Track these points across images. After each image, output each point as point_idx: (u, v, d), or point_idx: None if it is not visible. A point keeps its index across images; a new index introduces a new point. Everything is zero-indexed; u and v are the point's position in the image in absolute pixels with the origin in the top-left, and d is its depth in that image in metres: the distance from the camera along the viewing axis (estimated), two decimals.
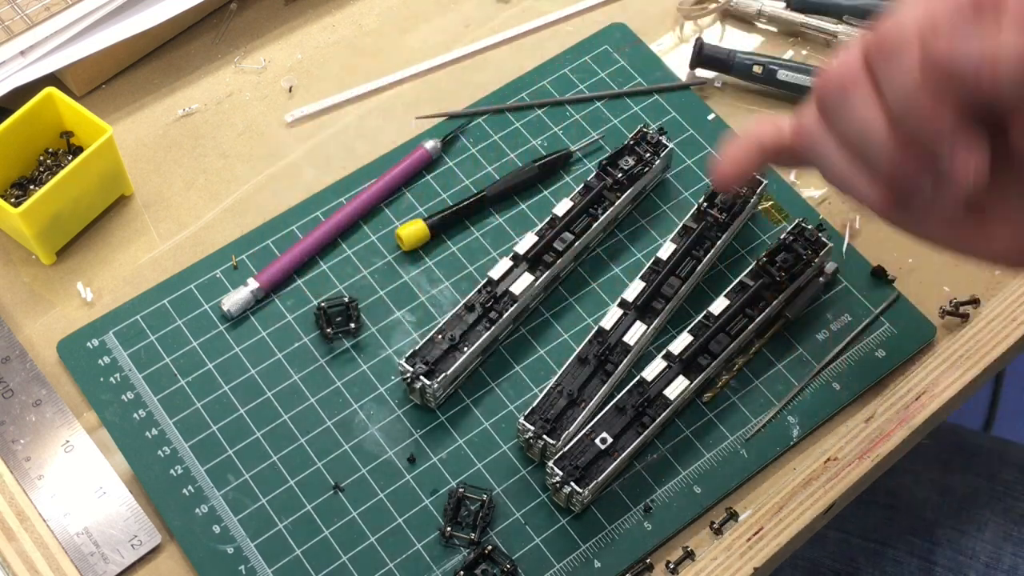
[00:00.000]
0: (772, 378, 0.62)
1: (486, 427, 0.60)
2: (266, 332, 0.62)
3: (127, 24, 0.69)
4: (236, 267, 0.64)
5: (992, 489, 0.81)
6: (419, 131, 0.70)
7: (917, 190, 0.38)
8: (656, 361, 0.59)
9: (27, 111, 0.63)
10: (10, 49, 0.67)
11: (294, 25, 0.75)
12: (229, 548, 0.56)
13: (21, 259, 0.65)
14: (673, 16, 0.76)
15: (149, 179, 0.68)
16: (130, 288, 0.64)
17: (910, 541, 0.80)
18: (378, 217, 0.67)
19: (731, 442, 0.60)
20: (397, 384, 0.61)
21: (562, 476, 0.56)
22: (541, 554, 0.56)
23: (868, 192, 0.39)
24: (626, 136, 0.68)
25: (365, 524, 0.57)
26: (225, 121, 0.71)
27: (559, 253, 0.62)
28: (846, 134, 0.39)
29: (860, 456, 0.59)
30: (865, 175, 0.39)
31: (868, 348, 0.62)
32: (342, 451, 0.59)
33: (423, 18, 0.76)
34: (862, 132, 0.38)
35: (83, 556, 0.55)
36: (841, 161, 0.40)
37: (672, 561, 0.56)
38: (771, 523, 0.57)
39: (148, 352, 0.61)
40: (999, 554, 0.79)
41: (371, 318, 0.63)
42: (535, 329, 0.63)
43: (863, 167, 0.39)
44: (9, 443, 0.58)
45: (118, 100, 0.71)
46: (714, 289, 0.63)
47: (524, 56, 0.74)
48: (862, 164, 0.39)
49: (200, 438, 0.59)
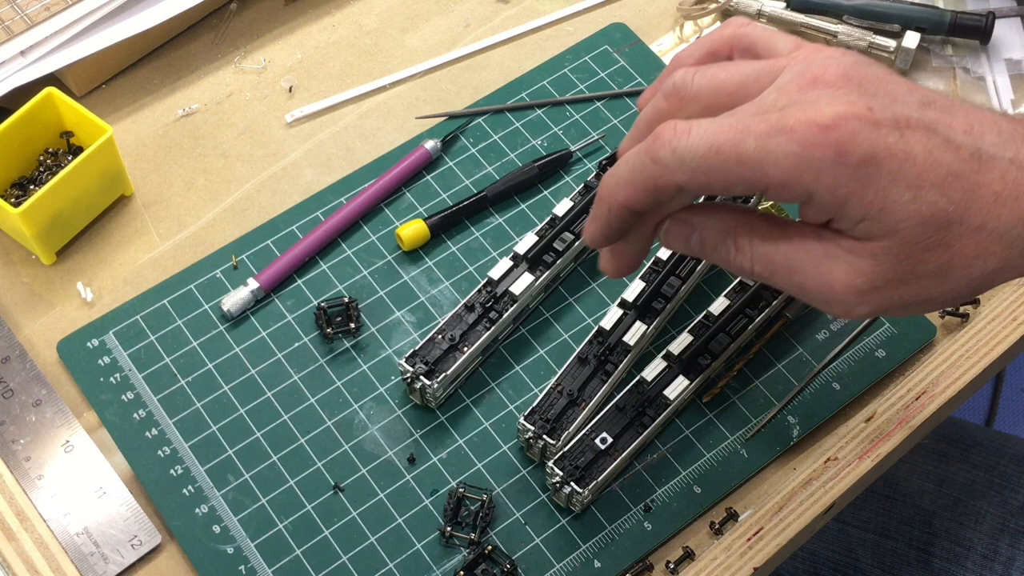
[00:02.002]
0: (772, 378, 0.62)
1: (486, 427, 0.60)
2: (266, 332, 0.62)
3: (127, 24, 0.69)
4: (236, 267, 0.64)
5: (990, 481, 0.81)
6: (419, 131, 0.70)
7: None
8: (656, 361, 0.59)
9: (27, 111, 0.63)
10: (10, 49, 0.67)
11: (294, 25, 0.75)
12: (229, 548, 0.56)
13: (21, 259, 0.65)
14: (673, 16, 0.77)
15: (149, 179, 0.68)
16: (130, 288, 0.64)
17: (908, 532, 0.81)
18: (378, 217, 0.67)
19: (731, 442, 0.60)
20: (397, 384, 0.61)
21: (562, 476, 0.56)
22: (541, 554, 0.56)
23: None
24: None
25: (365, 524, 0.57)
26: (225, 121, 0.71)
27: (559, 253, 0.62)
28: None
29: (860, 456, 0.59)
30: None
31: (868, 348, 0.62)
32: (342, 451, 0.59)
33: (423, 18, 0.76)
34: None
35: (83, 556, 0.55)
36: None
37: (672, 561, 0.56)
38: (771, 523, 0.57)
39: (148, 352, 0.61)
40: (996, 545, 0.79)
41: (371, 318, 0.63)
42: (535, 329, 0.63)
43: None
44: (9, 443, 0.58)
45: (118, 100, 0.71)
46: (714, 289, 0.63)
47: (524, 56, 0.74)
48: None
49: (200, 438, 0.59)
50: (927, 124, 0.42)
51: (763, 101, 0.44)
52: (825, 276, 0.44)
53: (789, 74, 0.44)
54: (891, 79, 0.44)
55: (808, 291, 0.45)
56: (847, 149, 0.41)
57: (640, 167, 0.45)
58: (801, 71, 0.44)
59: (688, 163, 0.43)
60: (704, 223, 0.48)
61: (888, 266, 0.43)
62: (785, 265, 0.45)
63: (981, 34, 0.74)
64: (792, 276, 0.45)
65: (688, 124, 0.44)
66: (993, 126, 0.44)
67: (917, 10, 0.74)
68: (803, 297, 0.46)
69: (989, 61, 0.75)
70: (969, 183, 0.42)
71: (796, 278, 0.45)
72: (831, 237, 0.44)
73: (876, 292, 0.44)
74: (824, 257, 0.44)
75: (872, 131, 0.41)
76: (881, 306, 0.45)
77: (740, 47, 0.49)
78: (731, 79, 0.46)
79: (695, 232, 0.48)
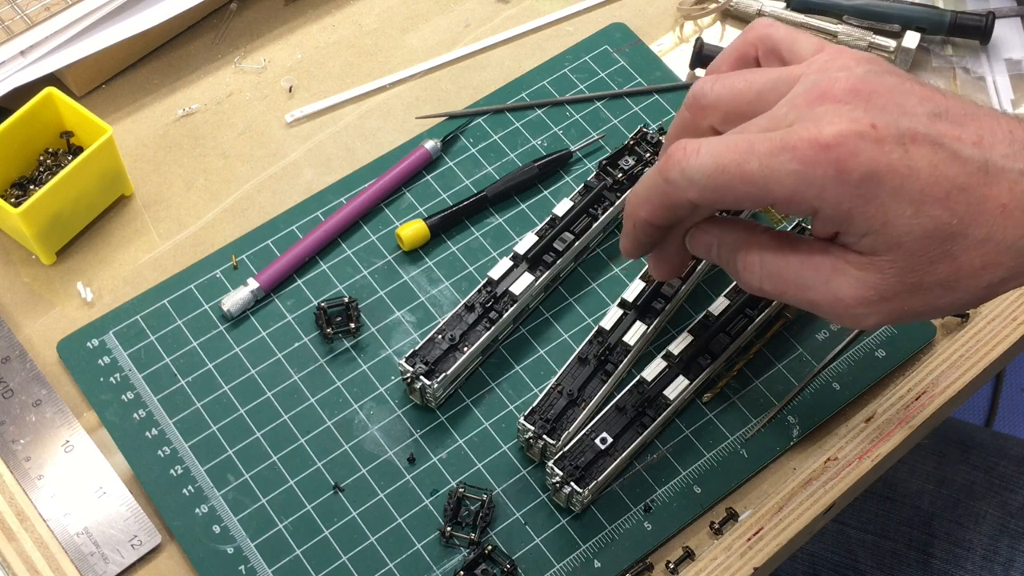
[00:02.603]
0: (772, 378, 0.62)
1: (486, 427, 0.60)
2: (266, 332, 0.62)
3: (127, 24, 0.69)
4: (236, 267, 0.64)
5: (990, 482, 0.81)
6: (419, 131, 0.70)
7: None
8: (656, 361, 0.59)
9: (27, 111, 0.63)
10: (10, 49, 0.67)
11: (294, 25, 0.75)
12: (229, 548, 0.56)
13: (21, 259, 0.65)
14: (673, 16, 0.77)
15: (149, 179, 0.68)
16: (130, 288, 0.64)
17: (908, 533, 0.81)
18: (378, 217, 0.67)
19: (731, 442, 0.60)
20: (397, 384, 0.61)
21: (562, 476, 0.56)
22: (541, 554, 0.56)
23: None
24: (626, 136, 0.68)
25: (365, 524, 0.57)
26: (225, 121, 0.71)
27: (559, 253, 0.62)
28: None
29: (860, 456, 0.59)
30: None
31: (868, 348, 0.62)
32: (342, 451, 0.59)
33: (423, 18, 0.76)
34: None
35: (83, 556, 0.55)
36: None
37: (672, 561, 0.56)
38: (771, 523, 0.57)
39: (148, 352, 0.61)
40: (996, 546, 0.79)
41: (371, 318, 0.63)
42: (535, 329, 0.63)
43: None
44: (9, 443, 0.58)
45: (118, 100, 0.71)
46: (714, 289, 0.63)
47: (524, 56, 0.74)
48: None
49: (200, 438, 0.59)
50: (934, 138, 0.43)
51: (774, 115, 0.45)
52: (835, 291, 0.45)
53: (801, 86, 0.45)
54: (903, 89, 0.44)
55: (819, 305, 0.46)
56: (848, 167, 0.42)
57: (655, 186, 0.47)
58: (812, 84, 0.44)
59: (698, 182, 0.45)
60: (720, 237, 0.49)
61: (895, 278, 0.44)
62: (796, 282, 0.46)
63: (981, 34, 0.74)
64: (803, 292, 0.46)
65: (698, 144, 0.45)
66: (1006, 136, 0.44)
67: (917, 10, 0.74)
68: (815, 311, 0.47)
69: (989, 61, 0.75)
70: (974, 196, 0.43)
71: (807, 294, 0.46)
72: (839, 252, 0.45)
73: (885, 303, 0.45)
74: (833, 272, 0.45)
75: (874, 148, 0.42)
76: (892, 316, 0.46)
77: (765, 49, 0.50)
78: (749, 88, 0.47)
79: (715, 243, 0.50)
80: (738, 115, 0.47)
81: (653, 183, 0.48)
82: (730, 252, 0.49)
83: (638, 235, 0.51)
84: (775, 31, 0.50)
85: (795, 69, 0.46)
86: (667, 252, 0.53)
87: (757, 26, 0.50)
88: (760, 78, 0.47)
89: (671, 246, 0.53)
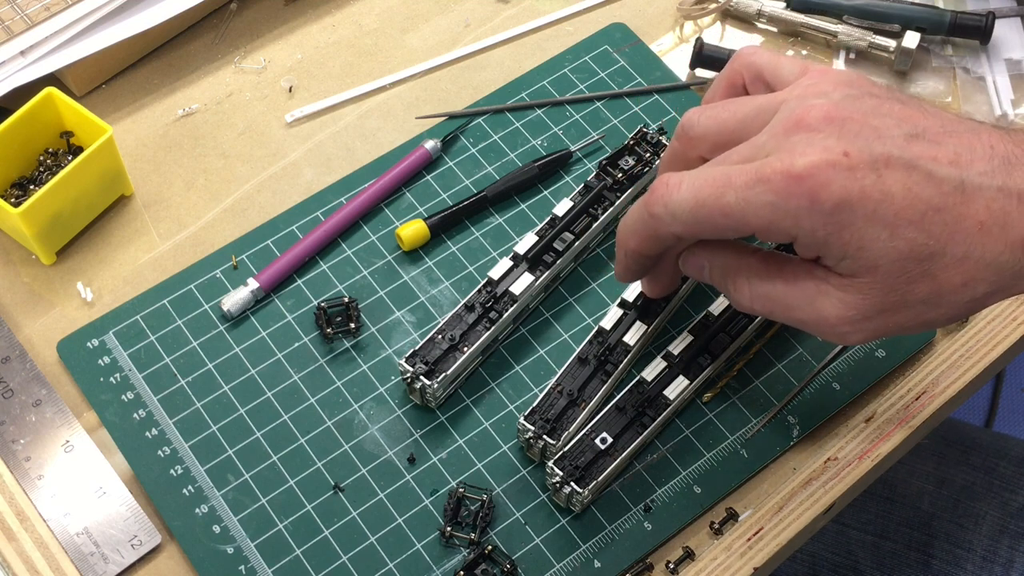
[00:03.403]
0: (772, 378, 0.62)
1: (486, 427, 0.60)
2: (266, 332, 0.62)
3: (127, 24, 0.69)
4: (236, 267, 0.64)
5: (989, 483, 0.82)
6: (419, 131, 0.70)
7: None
8: (656, 361, 0.59)
9: (27, 111, 0.63)
10: (10, 49, 0.67)
11: (294, 25, 0.75)
12: (229, 548, 0.56)
13: (21, 259, 0.65)
14: (673, 16, 0.77)
15: (149, 179, 0.68)
16: (130, 288, 0.64)
17: (907, 533, 0.81)
18: (378, 217, 0.67)
19: (731, 442, 0.60)
20: (397, 384, 0.61)
21: (562, 476, 0.56)
22: (541, 554, 0.56)
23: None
24: (626, 136, 0.68)
25: (365, 524, 0.57)
26: (225, 121, 0.71)
27: (559, 253, 0.62)
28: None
29: (860, 456, 0.59)
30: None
31: (868, 348, 0.62)
32: (342, 451, 0.59)
33: (423, 18, 0.76)
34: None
35: (83, 556, 0.55)
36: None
37: (672, 561, 0.56)
38: (771, 523, 0.57)
39: (148, 352, 0.61)
40: (996, 547, 0.79)
41: (371, 318, 0.63)
42: (535, 329, 0.63)
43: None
44: (9, 443, 0.58)
45: (118, 100, 0.71)
46: (714, 289, 0.63)
47: (524, 56, 0.74)
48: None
49: (200, 438, 0.59)
50: (908, 160, 0.43)
51: (755, 143, 0.46)
52: (819, 311, 0.47)
53: (780, 114, 0.46)
54: (880, 112, 0.45)
55: (806, 324, 0.48)
56: (820, 197, 0.43)
57: (641, 219, 0.50)
58: (789, 112, 0.46)
59: (679, 216, 0.47)
60: (711, 260, 0.51)
61: (876, 298, 0.45)
62: (782, 303, 0.48)
63: (981, 34, 0.74)
64: (790, 312, 0.48)
65: (680, 178, 0.47)
66: (985, 152, 0.44)
67: (917, 10, 0.74)
68: (803, 328, 0.48)
69: (989, 61, 0.75)
70: (951, 216, 0.43)
71: (794, 314, 0.48)
72: (822, 274, 0.47)
73: (868, 321, 0.46)
74: (817, 294, 0.47)
75: (846, 176, 0.43)
76: (877, 332, 0.47)
77: (750, 76, 0.52)
78: (733, 117, 0.49)
79: (706, 266, 0.51)
80: (725, 144, 0.48)
81: (640, 216, 0.50)
82: (721, 275, 0.51)
83: (629, 263, 0.53)
84: (758, 58, 0.51)
85: (777, 96, 0.47)
86: (660, 274, 0.56)
87: (741, 55, 0.52)
88: (744, 108, 0.48)
89: (663, 269, 0.55)
